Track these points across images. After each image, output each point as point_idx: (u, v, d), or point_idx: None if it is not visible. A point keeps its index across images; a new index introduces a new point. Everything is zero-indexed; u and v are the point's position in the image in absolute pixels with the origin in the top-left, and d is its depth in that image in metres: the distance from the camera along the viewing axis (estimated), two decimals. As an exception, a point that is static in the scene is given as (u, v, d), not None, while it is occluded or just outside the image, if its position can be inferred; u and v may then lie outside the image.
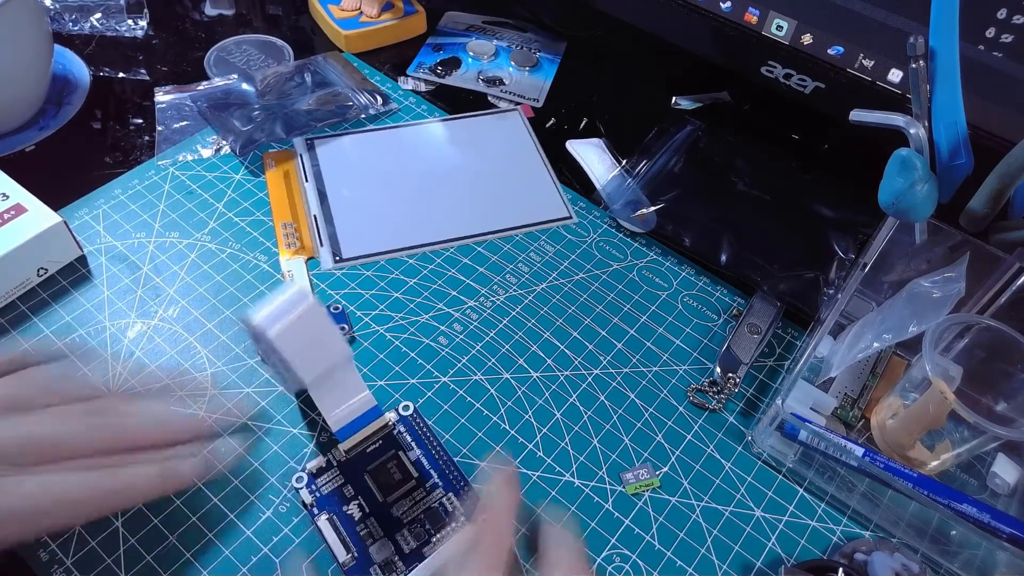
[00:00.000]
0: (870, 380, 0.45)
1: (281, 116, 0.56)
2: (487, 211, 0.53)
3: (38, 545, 0.36)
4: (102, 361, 0.43)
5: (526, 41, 0.68)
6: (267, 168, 0.54)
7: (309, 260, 0.49)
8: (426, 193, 0.54)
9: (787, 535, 0.39)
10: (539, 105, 0.62)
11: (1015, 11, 0.43)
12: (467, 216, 0.53)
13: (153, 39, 0.64)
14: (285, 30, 0.66)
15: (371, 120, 0.59)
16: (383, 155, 0.56)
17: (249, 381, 0.43)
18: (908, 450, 0.41)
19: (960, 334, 0.43)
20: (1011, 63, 0.44)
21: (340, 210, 0.52)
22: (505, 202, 0.54)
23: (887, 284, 0.47)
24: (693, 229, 0.52)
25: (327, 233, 0.50)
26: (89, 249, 0.48)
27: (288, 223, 0.50)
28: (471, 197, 0.54)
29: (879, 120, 0.42)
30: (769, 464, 0.42)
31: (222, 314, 0.46)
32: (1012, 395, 0.41)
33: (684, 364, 0.46)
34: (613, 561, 0.38)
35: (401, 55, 0.65)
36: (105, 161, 0.54)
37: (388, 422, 0.40)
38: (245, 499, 0.39)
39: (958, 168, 0.43)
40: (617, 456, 0.42)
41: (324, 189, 0.53)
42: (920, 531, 0.39)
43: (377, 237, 0.51)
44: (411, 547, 0.36)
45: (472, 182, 0.55)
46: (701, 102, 0.63)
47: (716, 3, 0.55)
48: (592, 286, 0.49)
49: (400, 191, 0.54)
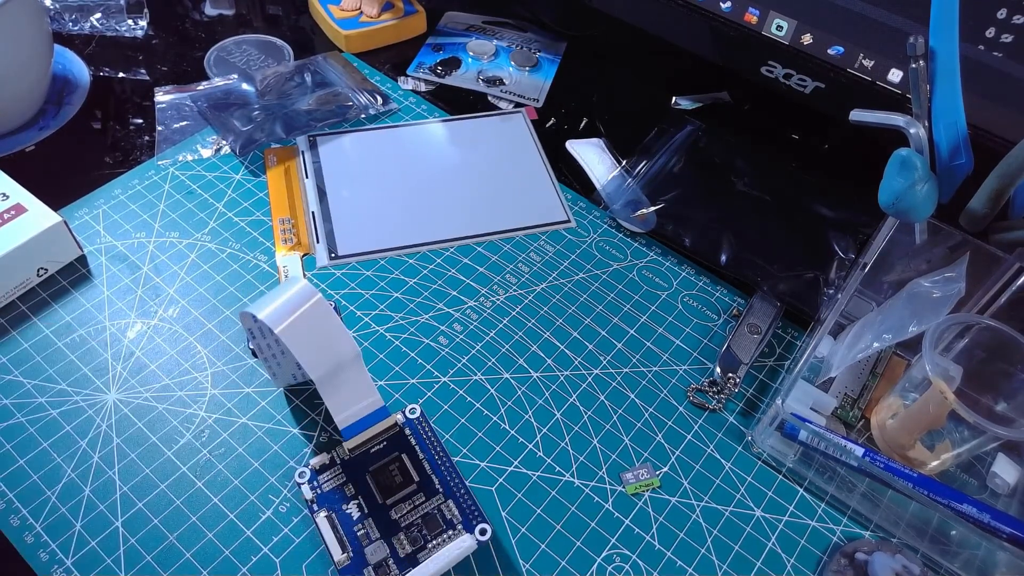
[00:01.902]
0: (870, 380, 0.45)
1: (281, 116, 0.56)
2: (487, 212, 0.53)
3: (38, 545, 0.36)
4: (102, 361, 0.43)
5: (526, 41, 0.68)
6: (268, 164, 0.54)
7: (305, 257, 0.49)
8: (427, 193, 0.54)
9: (787, 535, 0.39)
10: (539, 105, 0.62)
11: (1015, 11, 0.43)
12: (467, 216, 0.53)
13: (153, 39, 0.64)
14: (285, 30, 0.66)
15: (371, 120, 0.59)
16: (385, 154, 0.56)
17: (249, 381, 0.43)
18: (908, 450, 0.41)
19: (960, 334, 0.43)
20: (1011, 63, 0.44)
21: (339, 208, 0.52)
22: (505, 204, 0.54)
23: (887, 284, 0.47)
24: (693, 229, 0.52)
25: (324, 230, 0.50)
26: (89, 249, 0.48)
27: (286, 218, 0.50)
28: (472, 198, 0.54)
29: (879, 120, 0.42)
30: (769, 464, 0.42)
31: (222, 314, 0.46)
32: (1012, 395, 0.41)
33: (684, 364, 0.46)
34: (613, 561, 0.38)
35: (401, 55, 0.65)
36: (105, 161, 0.54)
37: (395, 423, 0.40)
38: (245, 499, 0.39)
39: (958, 168, 0.43)
40: (617, 456, 0.42)
41: (324, 186, 0.53)
42: (920, 531, 0.39)
43: (375, 235, 0.51)
44: (406, 552, 0.36)
45: (473, 183, 0.55)
46: (701, 102, 0.63)
47: (716, 3, 0.55)
48: (592, 286, 0.49)
49: (401, 190, 0.54)
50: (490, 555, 0.38)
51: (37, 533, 0.37)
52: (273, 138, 0.55)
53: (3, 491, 0.38)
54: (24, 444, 0.39)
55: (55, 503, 0.38)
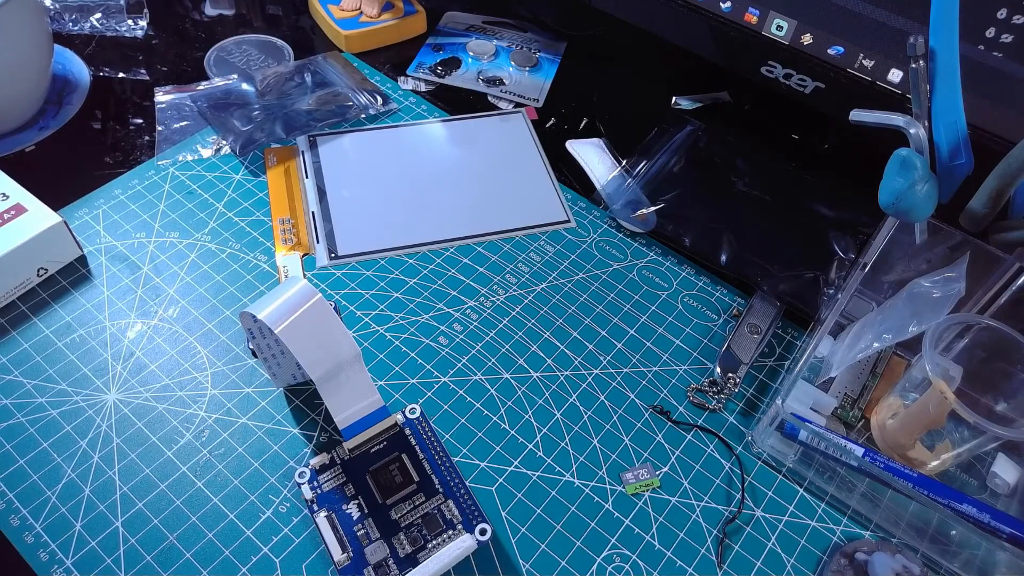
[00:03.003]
0: (870, 380, 0.45)
1: (281, 116, 0.56)
2: (487, 212, 0.53)
3: (38, 545, 0.36)
4: (102, 361, 0.43)
5: (526, 41, 0.68)
6: (268, 164, 0.54)
7: (305, 257, 0.49)
8: (427, 193, 0.54)
9: (787, 535, 0.39)
10: (539, 105, 0.62)
11: (1015, 11, 0.43)
12: (467, 217, 0.53)
13: (153, 39, 0.64)
14: (285, 30, 0.66)
15: (371, 120, 0.59)
16: (385, 154, 0.56)
17: (249, 381, 0.43)
18: (908, 450, 0.41)
19: (960, 334, 0.43)
20: (1011, 63, 0.44)
21: (338, 208, 0.52)
22: (505, 204, 0.54)
23: (887, 284, 0.47)
24: (693, 229, 0.52)
25: (324, 230, 0.50)
26: (89, 249, 0.48)
27: (286, 218, 0.50)
28: (472, 198, 0.54)
29: (879, 120, 0.42)
30: (769, 464, 0.42)
31: (222, 314, 0.46)
32: (1012, 395, 0.41)
33: (684, 364, 0.46)
34: (613, 561, 0.38)
35: (401, 55, 0.65)
36: (105, 161, 0.54)
37: (395, 423, 0.40)
38: (245, 499, 0.39)
39: (958, 168, 0.43)
40: (617, 456, 0.42)
41: (324, 186, 0.53)
42: (920, 531, 0.39)
43: (375, 235, 0.51)
44: (406, 552, 0.36)
45: (473, 183, 0.55)
46: (701, 102, 0.63)
47: (716, 3, 0.55)
48: (592, 286, 0.49)
49: (401, 190, 0.54)
50: (490, 555, 0.38)
51: (37, 533, 0.37)
52: (273, 138, 0.55)
53: (3, 491, 0.38)
54: (24, 444, 0.39)
55: (55, 503, 0.38)
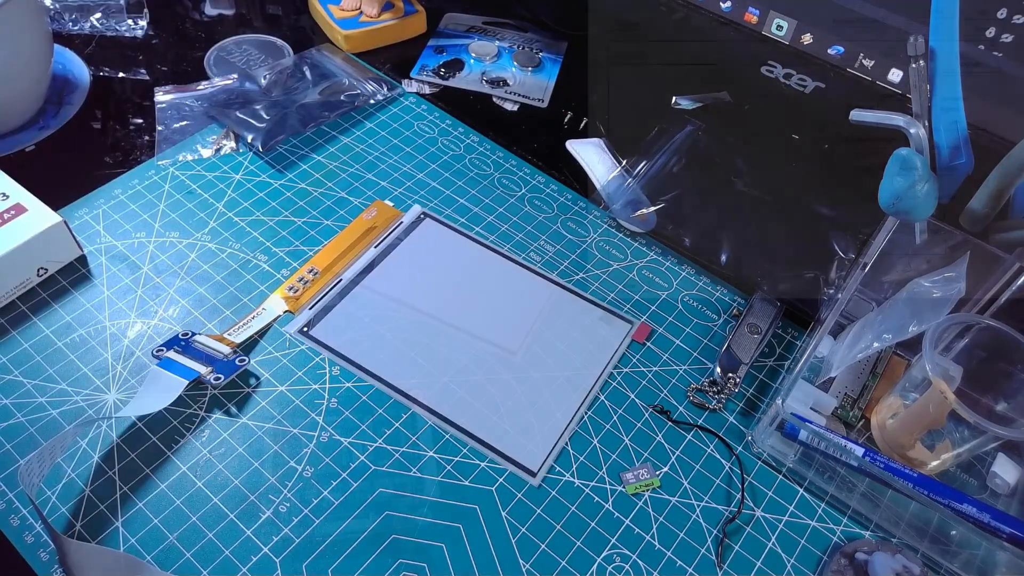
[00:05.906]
0: (870, 380, 0.45)
1: (294, 110, 0.57)
2: (483, 415, 0.43)
3: (38, 545, 0.36)
4: (102, 361, 0.43)
5: (527, 41, 0.68)
6: (364, 215, 0.51)
7: (287, 313, 0.46)
8: (443, 341, 0.46)
9: (787, 535, 0.39)
10: (544, 105, 0.62)
11: (1015, 11, 0.43)
12: (459, 404, 0.43)
13: (153, 39, 0.64)
14: (285, 30, 0.66)
15: (379, 108, 0.59)
16: (445, 280, 0.49)
17: (249, 381, 0.43)
18: (908, 450, 0.41)
19: (960, 334, 0.43)
20: (1011, 63, 0.44)
21: (355, 296, 0.47)
22: (510, 420, 0.43)
23: (887, 284, 0.47)
24: (693, 229, 0.52)
25: (323, 304, 0.46)
26: (89, 249, 0.48)
27: (315, 270, 0.48)
28: (485, 383, 0.44)
29: (879, 120, 0.42)
30: (769, 464, 0.42)
31: (222, 314, 0.46)
32: (1012, 395, 0.41)
33: (684, 364, 0.46)
34: (613, 561, 0.38)
35: (401, 55, 0.65)
36: (105, 161, 0.54)
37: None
38: (245, 498, 0.39)
39: (958, 168, 0.43)
40: (617, 456, 0.42)
41: (372, 266, 0.49)
42: (920, 531, 0.39)
43: (357, 345, 0.45)
44: None
45: (504, 368, 0.45)
46: (701, 102, 0.63)
47: (716, 3, 0.55)
48: (592, 286, 0.49)
49: (423, 323, 0.46)
50: (490, 555, 0.38)
51: (37, 533, 0.37)
52: (293, 132, 0.56)
53: (3, 491, 0.38)
54: (24, 444, 0.39)
55: (55, 503, 0.38)
